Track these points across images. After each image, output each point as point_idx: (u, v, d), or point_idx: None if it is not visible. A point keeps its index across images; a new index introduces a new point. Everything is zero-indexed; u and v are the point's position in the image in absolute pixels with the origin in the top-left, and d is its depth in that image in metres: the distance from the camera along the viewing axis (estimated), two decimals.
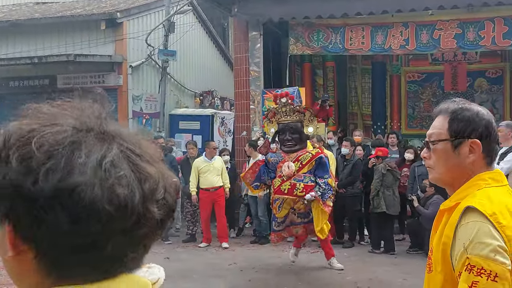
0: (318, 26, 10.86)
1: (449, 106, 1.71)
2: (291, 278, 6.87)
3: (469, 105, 1.71)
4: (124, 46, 11.73)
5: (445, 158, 1.68)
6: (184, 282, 6.74)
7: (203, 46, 15.43)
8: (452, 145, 1.66)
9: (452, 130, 1.66)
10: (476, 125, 1.65)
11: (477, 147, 1.64)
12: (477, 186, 1.62)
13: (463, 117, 1.67)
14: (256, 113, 11.15)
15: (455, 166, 1.67)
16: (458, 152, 1.65)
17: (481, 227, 1.48)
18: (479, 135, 1.64)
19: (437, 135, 1.70)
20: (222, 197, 9.00)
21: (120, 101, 11.72)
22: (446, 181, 1.73)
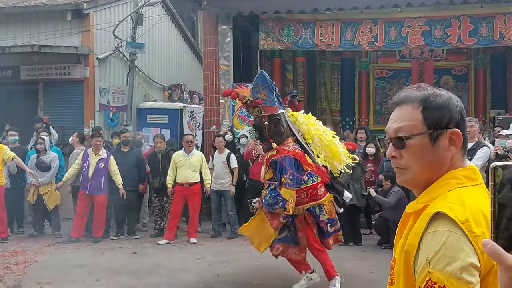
0: (289, 21, 10.86)
1: (416, 93, 1.46)
2: (260, 272, 6.86)
3: (438, 90, 1.48)
4: (91, 37, 11.48)
5: (422, 154, 1.42)
6: (151, 277, 6.66)
7: (172, 39, 15.24)
8: (431, 138, 1.41)
9: (429, 121, 1.41)
10: (453, 112, 1.43)
11: (457, 138, 1.42)
12: (449, 185, 1.39)
13: (438, 104, 1.43)
14: (226, 108, 11.10)
15: (433, 162, 1.42)
16: (437, 146, 1.41)
17: (450, 238, 1.25)
18: (456, 123, 1.43)
19: (410, 129, 1.43)
20: (196, 194, 8.86)
21: (87, 94, 11.48)
22: (420, 182, 1.45)
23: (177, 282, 6.46)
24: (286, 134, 5.73)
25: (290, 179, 5.42)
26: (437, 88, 1.48)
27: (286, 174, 5.41)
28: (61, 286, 6.28)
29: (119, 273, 6.80)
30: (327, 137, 5.95)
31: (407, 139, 1.43)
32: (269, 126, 5.63)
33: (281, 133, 5.70)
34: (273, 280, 6.50)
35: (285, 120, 5.76)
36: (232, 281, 6.51)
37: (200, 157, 8.97)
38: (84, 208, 8.86)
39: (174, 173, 8.85)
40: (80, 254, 7.94)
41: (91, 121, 11.36)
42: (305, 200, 5.64)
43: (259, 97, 5.63)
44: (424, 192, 1.42)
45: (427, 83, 1.51)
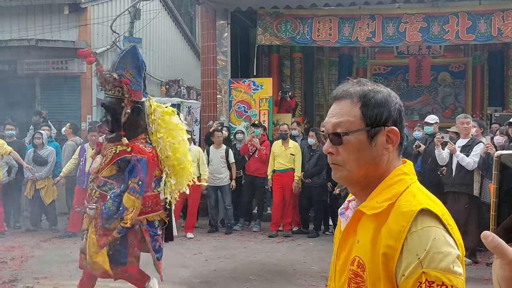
0: (287, 16, 10.85)
1: (356, 88, 1.42)
2: (257, 267, 6.87)
3: (378, 86, 1.44)
4: (88, 32, 11.45)
5: (359, 151, 1.38)
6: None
7: (170, 34, 15.21)
8: (368, 135, 1.38)
9: (367, 117, 1.38)
10: (391, 110, 1.40)
11: (394, 136, 1.39)
12: (404, 182, 1.37)
13: (377, 101, 1.39)
14: (223, 103, 11.10)
15: (370, 160, 1.38)
16: (375, 144, 1.38)
17: (437, 234, 1.24)
18: (394, 121, 1.40)
19: (348, 125, 1.38)
20: (195, 189, 8.83)
21: (84, 88, 11.46)
22: (357, 179, 1.41)
23: (173, 277, 6.46)
24: (142, 128, 4.68)
25: (139, 185, 4.40)
26: (377, 84, 1.45)
27: (135, 178, 4.41)
28: (58, 281, 6.27)
29: None
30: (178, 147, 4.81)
31: (345, 135, 1.38)
32: (129, 114, 4.53)
33: (138, 126, 4.64)
34: (270, 275, 6.52)
35: (144, 111, 4.71)
36: (229, 276, 6.53)
37: (198, 153, 8.93)
38: (80, 203, 8.84)
39: None
40: (77, 249, 7.92)
41: (88, 116, 11.34)
42: (148, 209, 4.62)
43: (125, 76, 4.54)
44: (377, 191, 1.37)
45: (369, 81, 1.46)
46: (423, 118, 9.46)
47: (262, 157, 9.09)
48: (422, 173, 7.95)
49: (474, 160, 6.82)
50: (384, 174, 1.38)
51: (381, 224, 1.30)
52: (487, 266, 6.83)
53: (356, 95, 1.40)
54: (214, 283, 6.23)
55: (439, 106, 13.54)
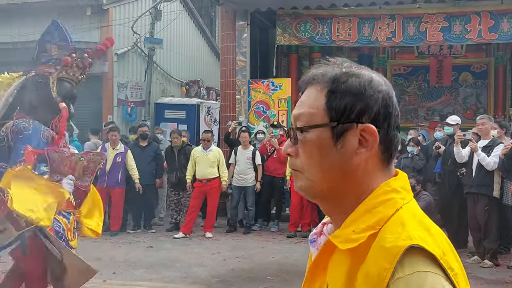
0: (306, 17, 10.84)
1: (328, 70, 1.06)
2: (275, 268, 6.89)
3: (357, 68, 1.06)
4: (110, 33, 11.59)
5: (320, 155, 1.02)
6: (167, 271, 6.74)
7: (190, 35, 15.32)
8: (333, 133, 1.01)
9: (332, 109, 1.01)
10: (370, 100, 1.01)
11: (371, 137, 1.00)
12: (392, 203, 0.99)
13: (349, 87, 1.02)
14: (242, 103, 11.16)
15: (337, 168, 1.02)
16: (342, 146, 1.01)
17: (433, 283, 0.89)
18: (373, 117, 1.01)
19: (308, 118, 1.04)
20: (214, 189, 8.93)
21: (105, 89, 11.61)
22: (322, 192, 1.05)
23: (192, 276, 6.52)
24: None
25: None
26: (359, 67, 1.07)
27: None
28: None
29: (135, 267, 6.90)
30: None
31: (303, 131, 1.04)
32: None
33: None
34: (288, 276, 6.53)
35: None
36: (246, 276, 6.56)
37: (218, 153, 9.02)
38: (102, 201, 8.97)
39: (193, 168, 8.94)
40: (97, 247, 8.05)
41: (109, 116, 11.50)
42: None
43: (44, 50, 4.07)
44: (355, 214, 1.00)
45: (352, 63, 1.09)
46: (444, 119, 9.36)
47: (281, 157, 9.10)
48: (442, 174, 7.88)
49: (494, 161, 6.74)
50: (366, 191, 1.01)
51: (358, 263, 0.95)
52: (508, 269, 6.74)
53: (324, 79, 1.04)
54: (232, 283, 6.27)
55: (460, 107, 13.37)
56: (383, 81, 1.07)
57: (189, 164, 8.97)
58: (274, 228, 9.34)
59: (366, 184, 1.02)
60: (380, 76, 1.07)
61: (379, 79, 1.06)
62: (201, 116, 12.41)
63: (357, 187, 1.02)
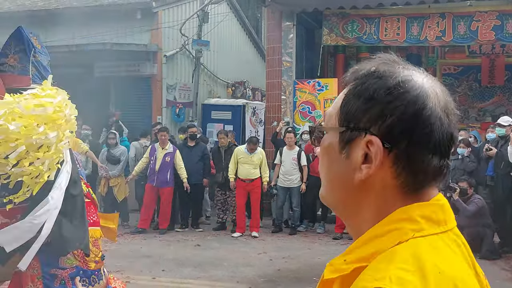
0: (353, 16, 10.75)
1: (362, 68, 0.93)
2: (321, 269, 6.83)
3: (393, 67, 0.90)
4: (159, 35, 11.86)
5: (328, 162, 0.94)
6: (214, 269, 6.85)
7: (236, 37, 15.46)
8: (341, 140, 0.90)
9: (343, 112, 0.91)
10: (386, 108, 0.85)
11: (377, 153, 0.85)
12: (399, 234, 0.83)
13: (366, 89, 0.88)
14: (287, 104, 11.15)
15: (340, 181, 0.91)
16: (347, 156, 0.89)
17: None
18: (386, 130, 0.85)
19: (327, 118, 0.96)
20: (257, 188, 9.05)
21: (155, 90, 11.88)
22: (334, 206, 0.97)
23: (239, 275, 6.61)
24: None
25: None
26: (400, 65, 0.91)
27: None
28: (129, 275, 6.57)
29: (184, 265, 7.05)
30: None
31: (321, 133, 0.97)
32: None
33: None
34: None
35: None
36: (293, 276, 6.59)
37: (261, 156, 9.11)
38: (150, 200, 9.22)
39: (235, 166, 9.04)
40: (147, 245, 8.28)
41: (159, 117, 11.77)
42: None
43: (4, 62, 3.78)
44: (359, 241, 0.86)
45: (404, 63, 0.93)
46: (496, 120, 9.09)
47: None
48: (495, 178, 7.66)
49: None
50: (381, 215, 0.86)
51: None
52: None
53: (352, 77, 0.93)
54: (278, 283, 6.31)
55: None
56: (430, 82, 0.89)
57: (231, 162, 9.08)
58: (320, 229, 9.32)
59: (381, 208, 0.87)
60: (432, 86, 0.88)
61: (421, 79, 0.88)
62: (246, 117, 12.51)
63: (367, 209, 0.88)
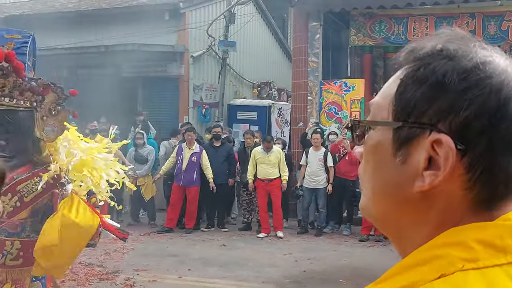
0: (380, 16, 10.66)
1: (422, 45, 0.71)
2: (347, 271, 6.85)
3: (465, 44, 0.68)
4: (186, 36, 11.95)
5: (376, 165, 0.72)
6: (240, 269, 6.87)
7: (262, 37, 15.47)
8: (395, 138, 0.69)
9: (400, 103, 0.69)
10: (459, 98, 0.65)
11: (446, 156, 0.64)
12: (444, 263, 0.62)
13: (431, 73, 0.67)
14: (313, 104, 11.14)
15: (392, 190, 0.70)
16: (403, 159, 0.68)
17: None
18: (459, 127, 0.65)
19: (375, 110, 0.74)
20: (277, 188, 9.05)
21: (182, 91, 11.97)
22: (376, 219, 0.75)
23: (264, 276, 6.61)
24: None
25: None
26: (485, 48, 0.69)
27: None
28: (156, 273, 6.64)
29: (210, 264, 7.08)
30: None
31: (365, 130, 0.75)
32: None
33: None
34: (361, 279, 6.46)
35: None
36: (319, 278, 6.57)
37: (279, 154, 9.10)
38: (177, 199, 9.30)
39: (254, 168, 9.07)
40: (173, 244, 8.35)
41: (185, 117, 11.86)
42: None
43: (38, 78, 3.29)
44: (397, 267, 0.68)
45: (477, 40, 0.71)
46: None
47: (353, 159, 9.00)
48: None
49: None
50: (431, 234, 0.67)
51: None
52: None
53: (409, 57, 0.71)
54: (304, 284, 6.30)
55: None
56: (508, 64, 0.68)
57: (249, 164, 9.12)
58: (346, 231, 9.26)
59: (441, 228, 0.66)
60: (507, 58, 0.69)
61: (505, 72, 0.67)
62: (272, 117, 12.51)
63: (423, 229, 0.69)
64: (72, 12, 12.85)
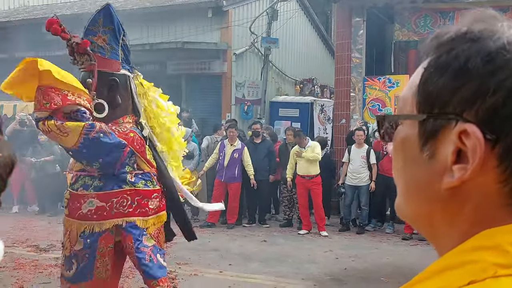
0: (426, 10, 10.43)
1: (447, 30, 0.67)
2: (389, 270, 6.76)
3: (492, 24, 0.64)
4: (229, 33, 12.04)
5: (405, 162, 0.69)
6: (280, 265, 6.89)
7: (305, 34, 15.41)
8: (421, 132, 0.66)
9: (423, 93, 0.66)
10: (485, 84, 0.60)
11: (473, 147, 0.60)
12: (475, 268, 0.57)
13: (456, 57, 0.63)
14: (356, 101, 11.00)
15: (422, 187, 0.67)
16: (430, 154, 0.65)
17: None
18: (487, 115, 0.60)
19: (401, 104, 0.71)
20: (317, 185, 9.01)
21: (224, 88, 12.09)
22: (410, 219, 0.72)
23: (304, 272, 6.61)
24: (123, 109, 3.72)
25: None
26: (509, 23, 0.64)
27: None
28: (197, 268, 6.75)
29: (250, 260, 7.14)
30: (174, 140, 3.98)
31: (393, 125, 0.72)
32: (99, 88, 3.58)
33: (115, 105, 3.67)
34: (402, 278, 6.36)
35: (128, 89, 3.77)
36: (359, 276, 6.51)
37: (314, 149, 9.03)
38: (219, 195, 9.40)
39: (293, 166, 9.05)
40: (215, 239, 8.46)
41: (228, 114, 11.97)
42: (127, 210, 3.61)
43: (93, 41, 3.64)
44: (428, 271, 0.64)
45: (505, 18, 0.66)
46: None
47: None
48: None
49: None
50: (466, 234, 0.63)
51: None
52: None
53: (432, 44, 0.68)
54: (344, 282, 6.26)
55: None
56: None
57: (289, 161, 9.12)
58: (389, 229, 9.13)
59: (476, 227, 0.62)
60: None
61: None
62: (314, 114, 12.46)
63: (459, 227, 0.64)
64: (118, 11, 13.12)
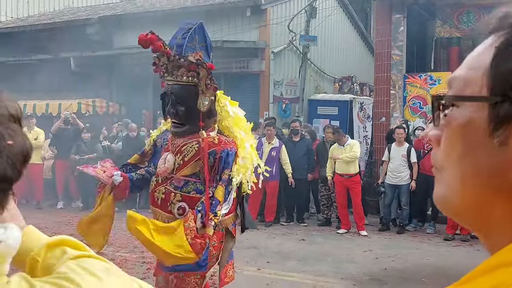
0: (468, 6, 10.18)
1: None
2: (430, 270, 6.64)
3: None
4: (267, 32, 12.06)
5: (466, 148, 0.63)
6: (318, 264, 6.87)
7: (344, 31, 15.28)
8: (493, 116, 0.59)
9: (498, 74, 0.60)
10: None
11: None
12: None
13: None
14: (397, 99, 10.83)
15: (486, 177, 0.61)
16: (502, 139, 0.59)
17: None
18: None
19: (461, 84, 0.65)
20: (356, 184, 8.93)
21: (262, 86, 12.12)
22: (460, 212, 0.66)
23: (343, 271, 6.57)
24: (214, 118, 3.97)
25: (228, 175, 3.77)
26: None
27: (228, 169, 3.76)
28: (235, 264, 6.74)
29: (288, 258, 7.14)
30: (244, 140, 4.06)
31: (448, 107, 0.65)
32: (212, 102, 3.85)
33: (213, 115, 3.94)
34: (444, 280, 6.24)
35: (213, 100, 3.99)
36: (399, 276, 6.42)
37: (354, 147, 8.94)
38: (256, 193, 9.41)
39: (332, 165, 8.99)
40: (254, 236, 8.48)
41: (266, 112, 11.99)
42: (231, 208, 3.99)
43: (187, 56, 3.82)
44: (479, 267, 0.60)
45: None
46: None
47: None
48: None
49: None
50: None
51: None
52: None
53: (504, 23, 0.63)
54: (384, 282, 6.19)
55: None
56: None
57: (328, 160, 9.08)
58: (430, 229, 8.96)
59: None
60: None
61: None
62: (354, 112, 12.33)
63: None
64: (158, 11, 13.36)
